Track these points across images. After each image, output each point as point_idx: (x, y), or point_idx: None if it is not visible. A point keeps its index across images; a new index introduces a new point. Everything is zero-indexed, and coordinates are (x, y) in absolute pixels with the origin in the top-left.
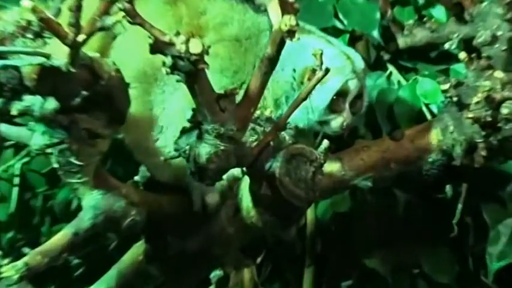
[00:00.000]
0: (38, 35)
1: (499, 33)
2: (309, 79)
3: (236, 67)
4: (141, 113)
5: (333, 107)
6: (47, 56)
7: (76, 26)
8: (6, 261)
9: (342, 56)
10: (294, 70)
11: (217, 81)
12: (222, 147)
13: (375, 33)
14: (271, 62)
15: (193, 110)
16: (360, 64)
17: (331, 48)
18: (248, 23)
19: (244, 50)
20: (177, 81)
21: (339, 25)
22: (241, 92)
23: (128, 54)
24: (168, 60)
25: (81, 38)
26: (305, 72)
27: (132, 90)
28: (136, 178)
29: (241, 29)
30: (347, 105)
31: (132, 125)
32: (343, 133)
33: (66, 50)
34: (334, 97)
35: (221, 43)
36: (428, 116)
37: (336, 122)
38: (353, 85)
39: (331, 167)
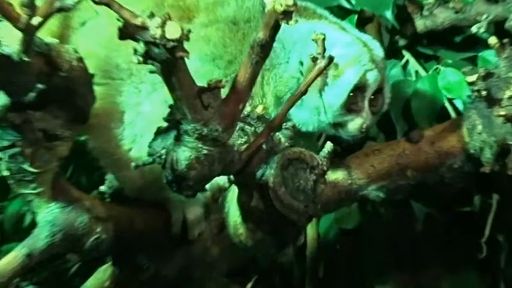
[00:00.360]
0: None
1: None
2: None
3: (231, 56)
4: (110, 116)
5: (350, 106)
6: None
7: (30, 6)
8: None
9: (357, 43)
10: (301, 63)
11: (208, 72)
12: (204, 151)
13: (388, 14)
14: (264, 49)
15: (170, 107)
16: (379, 52)
17: (345, 35)
18: (248, 3)
19: (242, 36)
20: (151, 72)
21: (345, 4)
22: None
23: (98, 43)
24: (141, 47)
25: (36, 20)
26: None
27: (101, 87)
28: (102, 188)
29: (239, 10)
30: (366, 103)
31: (99, 130)
32: (362, 137)
33: (18, 35)
34: (351, 93)
35: (214, 26)
36: (452, 114)
37: (354, 124)
38: (372, 77)
39: (336, 174)
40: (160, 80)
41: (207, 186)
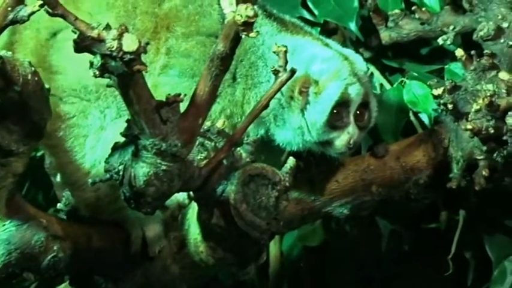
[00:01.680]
0: None
1: (504, 24)
2: (302, 92)
3: None
4: (73, 138)
5: (334, 122)
6: None
7: None
8: None
9: (337, 57)
10: None
11: (187, 88)
12: (163, 167)
13: (352, 26)
14: (224, 62)
15: (128, 121)
16: (362, 66)
17: (326, 50)
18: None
19: None
20: (108, 86)
21: (307, 16)
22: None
23: (68, 59)
24: (97, 60)
25: None
26: (296, 84)
27: (68, 106)
28: (59, 205)
29: (221, 23)
30: (351, 118)
31: (60, 150)
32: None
33: None
34: (334, 110)
35: (195, 39)
36: (418, 128)
37: (341, 141)
38: (355, 91)
39: (299, 190)
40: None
41: (167, 203)
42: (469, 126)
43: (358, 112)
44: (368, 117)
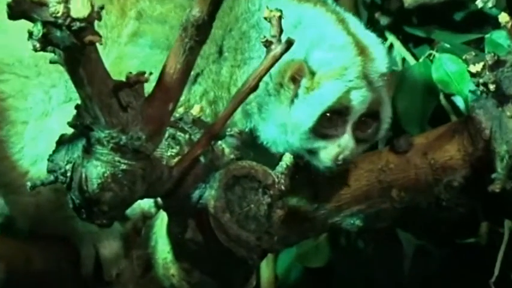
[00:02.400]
0: None
1: None
2: (294, 80)
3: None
4: (9, 126)
5: (324, 130)
6: None
7: None
8: None
9: (350, 47)
10: None
11: (160, 62)
12: (123, 166)
13: None
14: (200, 31)
15: (77, 108)
16: (382, 65)
17: (338, 33)
18: None
19: None
20: (51, 62)
21: None
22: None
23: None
24: (37, 29)
25: None
26: (288, 67)
27: (1, 85)
28: None
29: None
30: (348, 128)
31: None
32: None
33: None
34: (327, 114)
35: (173, 1)
36: (451, 115)
37: (327, 154)
38: (359, 98)
39: (298, 196)
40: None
41: (127, 212)
42: None
43: (362, 119)
44: (374, 129)
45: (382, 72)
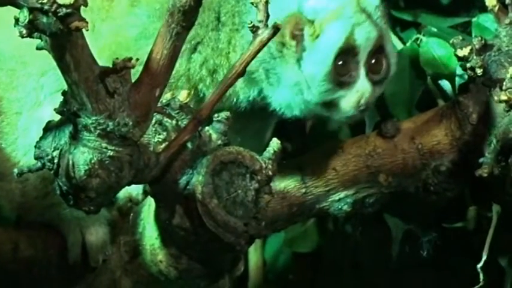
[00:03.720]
0: None
1: None
2: (295, 36)
3: (193, 33)
4: (1, 117)
5: (339, 77)
6: None
7: None
8: None
9: None
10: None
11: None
12: (110, 153)
13: None
14: (187, 16)
15: (64, 94)
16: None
17: None
18: None
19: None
20: (38, 48)
21: None
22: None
23: None
24: (23, 15)
25: None
26: (285, 25)
27: None
28: None
29: None
30: (362, 70)
31: None
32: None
33: None
34: (338, 60)
35: None
36: (439, 100)
37: (348, 101)
38: (364, 34)
39: (286, 181)
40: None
41: (116, 198)
42: (504, 97)
43: (372, 60)
44: (386, 66)
45: (376, 3)
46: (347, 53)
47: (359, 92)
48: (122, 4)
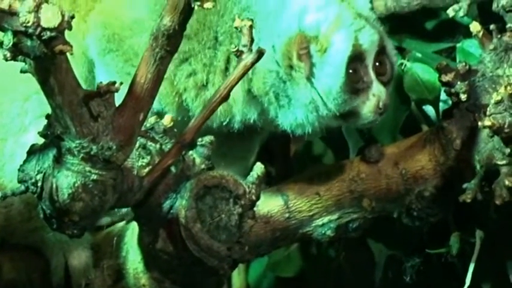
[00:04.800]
0: None
1: None
2: (301, 56)
3: (189, 47)
4: None
5: (354, 85)
6: None
7: None
8: None
9: (332, 1)
10: (273, 47)
11: None
12: (93, 177)
13: None
14: (171, 40)
15: (47, 117)
16: (365, 4)
17: None
18: None
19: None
20: (22, 71)
21: None
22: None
23: None
24: (8, 38)
25: None
26: (291, 47)
27: None
28: None
29: None
30: (372, 74)
31: None
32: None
33: None
34: (349, 68)
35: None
36: (423, 125)
37: (368, 107)
38: (368, 38)
39: (269, 206)
40: None
41: (99, 223)
42: (488, 123)
43: (377, 62)
44: (390, 66)
45: (369, 6)
46: (356, 59)
47: (375, 95)
48: None
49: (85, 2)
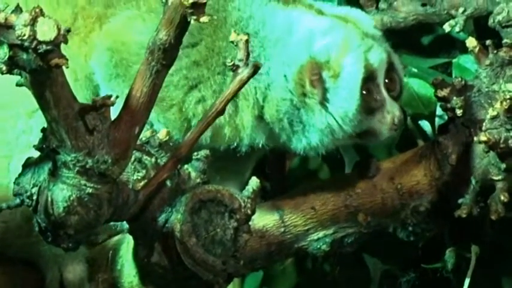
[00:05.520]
0: None
1: None
2: (314, 82)
3: (198, 74)
4: None
5: (369, 104)
6: None
7: None
8: None
9: (338, 23)
10: (285, 77)
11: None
12: (89, 190)
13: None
14: (167, 54)
15: (43, 130)
16: (368, 21)
17: (322, 19)
18: None
19: (212, 44)
20: (18, 84)
21: None
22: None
23: None
24: (3, 51)
25: None
26: (303, 75)
27: None
28: None
29: None
30: (384, 91)
31: None
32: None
33: None
34: (363, 89)
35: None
36: (418, 139)
37: (384, 124)
38: (377, 57)
39: (265, 220)
40: None
41: (95, 236)
42: (483, 138)
43: (386, 80)
44: (399, 81)
45: (372, 24)
46: (368, 80)
47: (390, 113)
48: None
49: (84, 24)
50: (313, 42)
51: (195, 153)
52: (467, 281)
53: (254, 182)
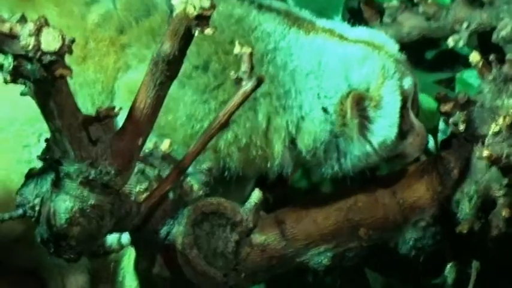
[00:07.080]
0: None
1: None
2: (354, 112)
3: (218, 105)
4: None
5: (402, 129)
6: None
7: None
8: None
9: (368, 50)
10: (325, 110)
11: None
12: (91, 201)
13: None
14: (171, 66)
15: (47, 141)
16: (395, 46)
17: (351, 47)
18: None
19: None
20: (22, 94)
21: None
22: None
23: None
24: (8, 61)
25: None
26: (345, 106)
27: None
28: None
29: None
30: (412, 115)
31: None
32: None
33: None
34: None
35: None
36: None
37: (414, 147)
38: (408, 83)
39: (267, 233)
40: None
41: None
42: (486, 153)
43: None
44: (417, 100)
45: (396, 47)
46: (403, 106)
47: (419, 135)
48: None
49: (97, 47)
50: (351, 72)
51: (198, 166)
52: None
53: (256, 194)
